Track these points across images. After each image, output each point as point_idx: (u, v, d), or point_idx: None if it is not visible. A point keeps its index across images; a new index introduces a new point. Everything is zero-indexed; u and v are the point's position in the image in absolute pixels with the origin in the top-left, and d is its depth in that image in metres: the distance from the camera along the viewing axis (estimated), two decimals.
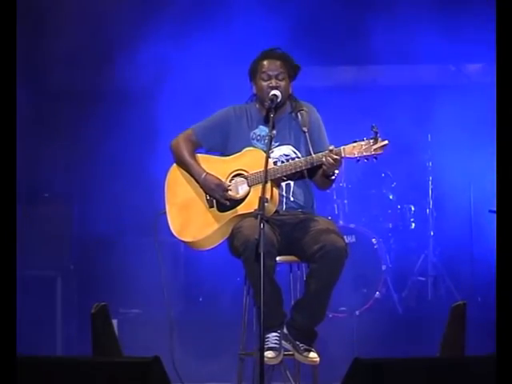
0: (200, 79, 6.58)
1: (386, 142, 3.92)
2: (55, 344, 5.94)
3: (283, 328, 4.06)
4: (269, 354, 3.92)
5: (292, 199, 4.22)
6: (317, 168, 4.11)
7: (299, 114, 4.25)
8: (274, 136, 4.07)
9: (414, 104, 6.71)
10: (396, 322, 5.88)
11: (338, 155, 3.97)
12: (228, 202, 4.16)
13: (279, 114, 4.22)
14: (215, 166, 4.26)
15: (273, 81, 4.20)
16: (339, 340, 5.56)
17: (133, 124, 6.45)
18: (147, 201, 5.81)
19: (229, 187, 4.18)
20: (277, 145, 4.22)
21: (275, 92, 4.17)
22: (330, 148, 3.98)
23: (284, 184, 4.19)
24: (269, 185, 3.99)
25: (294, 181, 4.21)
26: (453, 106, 6.61)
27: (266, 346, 3.92)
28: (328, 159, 3.98)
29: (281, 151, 4.22)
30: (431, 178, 6.81)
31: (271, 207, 4.06)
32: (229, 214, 4.16)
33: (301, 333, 4.06)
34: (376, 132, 3.91)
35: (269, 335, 3.98)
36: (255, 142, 4.24)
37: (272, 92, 4.17)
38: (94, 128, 6.45)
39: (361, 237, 6.25)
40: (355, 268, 5.88)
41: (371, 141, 3.93)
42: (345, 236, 4.20)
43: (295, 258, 4.16)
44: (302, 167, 4.08)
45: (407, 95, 6.78)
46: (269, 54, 4.24)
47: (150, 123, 6.38)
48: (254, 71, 4.26)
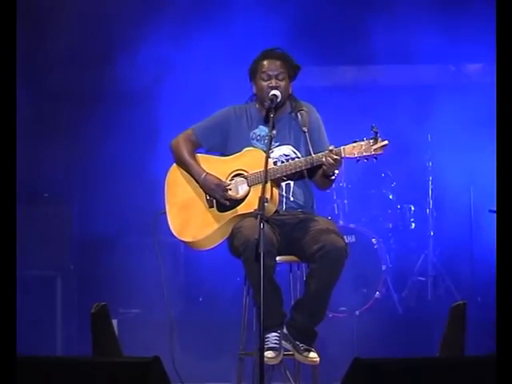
0: (200, 79, 6.57)
1: (386, 142, 3.92)
2: (55, 344, 5.94)
3: (283, 328, 4.05)
4: (269, 354, 3.92)
5: (292, 199, 4.21)
6: (317, 168, 4.10)
7: (299, 114, 4.25)
8: (274, 136, 4.07)
9: (414, 104, 6.71)
10: (396, 322, 5.88)
11: (338, 155, 3.96)
12: (228, 202, 4.16)
13: (279, 114, 4.22)
14: (215, 166, 4.26)
15: (273, 81, 4.19)
16: (339, 340, 5.56)
17: (133, 124, 6.44)
18: (147, 201, 5.81)
19: (229, 187, 4.18)
20: (277, 145, 4.21)
21: (275, 92, 4.17)
22: (330, 148, 3.98)
23: (284, 184, 4.19)
24: (269, 185, 3.99)
25: (294, 181, 4.21)
26: (453, 106, 6.60)
27: (266, 346, 3.92)
28: (328, 159, 3.97)
29: (281, 151, 4.22)
30: (431, 178, 6.80)
31: (271, 207, 4.06)
32: (229, 214, 4.15)
33: (301, 333, 4.06)
34: (376, 132, 3.91)
35: (269, 335, 3.98)
36: (255, 142, 4.24)
37: (272, 92, 4.17)
38: (94, 128, 6.44)
39: (361, 237, 6.24)
40: (355, 268, 5.88)
41: (371, 141, 3.92)
42: (345, 236, 4.20)
43: (295, 258, 4.16)
44: (302, 167, 4.08)
45: (407, 95, 6.78)
46: (269, 54, 4.24)
47: (150, 123, 6.37)
48: (254, 71, 4.26)
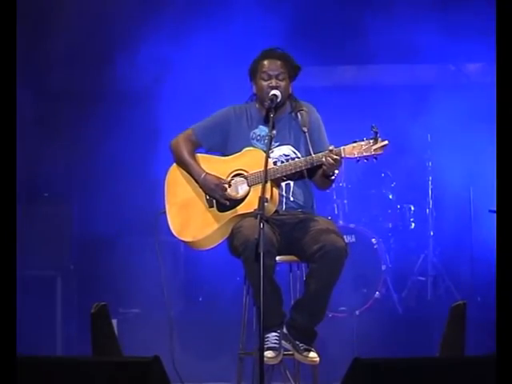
0: (200, 79, 6.57)
1: (386, 143, 3.92)
2: (55, 344, 5.94)
3: (283, 328, 4.05)
4: (268, 354, 3.92)
5: (292, 199, 4.21)
6: (317, 168, 4.10)
7: (299, 114, 4.25)
8: (274, 136, 4.07)
9: (414, 104, 6.71)
10: (396, 322, 5.88)
11: (338, 155, 3.96)
12: (228, 202, 4.16)
13: (279, 114, 4.22)
14: (215, 166, 4.26)
15: (273, 81, 4.19)
16: (339, 340, 5.55)
17: (133, 124, 6.44)
18: (147, 201, 5.81)
19: (228, 187, 4.18)
20: (277, 145, 4.21)
21: (275, 92, 4.17)
22: (330, 148, 3.98)
23: (284, 184, 4.19)
24: (269, 185, 3.99)
25: (294, 181, 4.21)
26: (453, 106, 6.60)
27: (266, 346, 3.92)
28: (328, 159, 3.97)
29: (281, 151, 4.22)
30: (431, 178, 6.80)
31: (271, 207, 4.06)
32: (229, 214, 4.15)
33: (300, 332, 4.06)
34: (376, 132, 3.91)
35: (268, 335, 3.98)
36: (255, 142, 4.24)
37: (272, 92, 4.16)
38: (94, 128, 6.44)
39: (361, 237, 6.24)
40: (355, 268, 5.88)
41: (371, 141, 3.92)
42: (344, 236, 4.21)
43: (295, 258, 4.16)
44: (302, 167, 4.08)
45: (407, 95, 6.78)
46: (269, 54, 4.24)
47: (150, 123, 6.37)
48: (255, 71, 4.25)
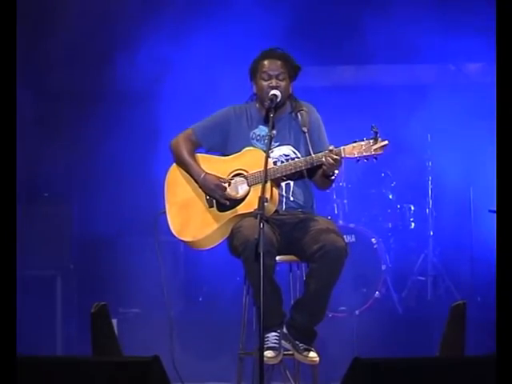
0: (200, 79, 6.57)
1: (386, 142, 3.92)
2: (55, 344, 5.94)
3: (283, 327, 4.05)
4: (268, 354, 3.92)
5: (292, 199, 4.21)
6: (316, 168, 4.10)
7: (299, 114, 4.25)
8: (274, 136, 4.07)
9: (414, 104, 6.70)
10: (396, 322, 5.88)
11: (338, 155, 3.96)
12: (228, 202, 4.16)
13: (279, 114, 4.22)
14: (215, 166, 4.26)
15: (273, 81, 4.19)
16: (339, 340, 5.55)
17: (133, 124, 6.44)
18: (147, 200, 5.81)
19: (228, 187, 4.17)
20: (277, 145, 4.21)
21: (275, 92, 4.16)
22: (330, 148, 3.97)
23: (284, 184, 4.19)
24: (268, 184, 3.99)
25: (294, 181, 4.21)
26: (452, 106, 6.60)
27: (266, 346, 3.92)
28: (328, 159, 3.97)
29: (281, 151, 4.22)
30: (431, 178, 6.80)
31: (271, 207, 4.06)
32: (228, 214, 4.15)
33: (300, 332, 4.05)
34: (376, 132, 3.91)
35: (268, 335, 3.98)
36: (255, 142, 4.24)
37: (272, 92, 4.16)
38: (94, 128, 6.44)
39: (360, 236, 6.24)
40: (355, 268, 5.88)
41: (371, 141, 3.92)
42: (344, 236, 4.21)
43: (295, 258, 4.16)
44: (302, 167, 4.08)
45: (407, 95, 6.78)
46: (270, 54, 4.23)
47: (151, 123, 6.37)
48: (255, 71, 4.25)
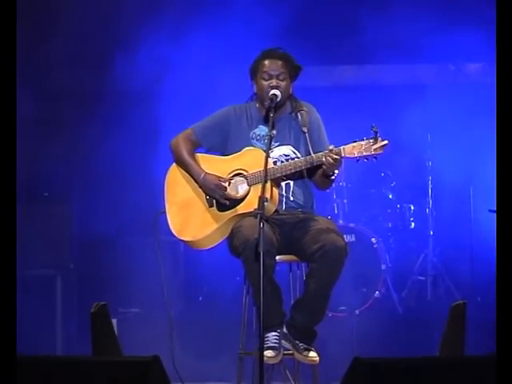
0: (200, 79, 6.57)
1: (386, 142, 3.92)
2: (55, 344, 5.94)
3: (283, 327, 4.05)
4: (268, 354, 3.92)
5: (292, 199, 4.21)
6: (316, 168, 4.10)
7: (299, 114, 4.24)
8: (274, 136, 4.07)
9: (414, 103, 6.70)
10: (396, 322, 5.87)
11: (338, 155, 3.96)
12: (227, 202, 4.16)
13: (279, 114, 4.22)
14: (215, 166, 4.25)
15: (273, 80, 4.18)
16: (339, 339, 5.55)
17: (133, 124, 6.44)
18: (147, 200, 5.81)
19: (228, 186, 4.17)
20: (277, 145, 4.21)
21: (275, 91, 4.16)
22: (330, 148, 3.97)
23: (284, 184, 4.19)
24: (268, 184, 3.99)
25: (294, 180, 4.21)
26: (452, 106, 6.61)
27: (266, 346, 3.92)
28: (328, 159, 3.97)
29: (280, 151, 4.22)
30: (431, 178, 6.80)
31: (271, 207, 4.06)
32: (228, 214, 4.15)
33: (300, 332, 4.05)
34: (376, 132, 3.91)
35: (268, 334, 3.97)
36: (255, 142, 4.24)
37: (272, 91, 4.16)
38: (94, 128, 6.43)
39: (360, 236, 6.24)
40: (355, 267, 5.88)
41: (371, 141, 3.92)
42: (344, 235, 4.21)
43: (295, 258, 4.16)
44: (302, 167, 4.07)
45: (407, 95, 6.78)
46: (270, 54, 4.23)
47: (150, 123, 6.37)
48: (255, 70, 4.25)
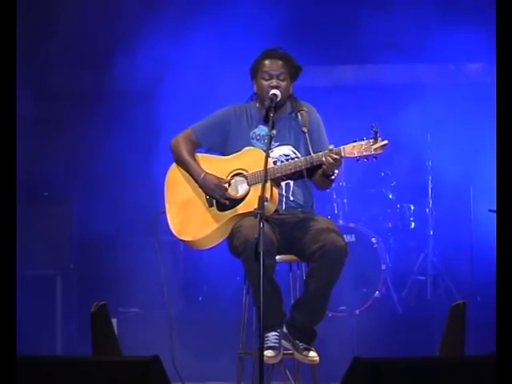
0: (200, 78, 6.57)
1: (386, 142, 3.92)
2: (55, 343, 5.94)
3: (283, 327, 4.05)
4: (268, 353, 3.92)
5: (292, 199, 4.21)
6: (316, 168, 4.10)
7: (299, 114, 4.24)
8: (274, 136, 4.07)
9: (414, 103, 6.70)
10: (396, 322, 5.87)
11: (338, 155, 3.96)
12: (227, 202, 4.16)
13: (279, 114, 4.22)
14: (215, 166, 4.25)
15: (274, 80, 4.18)
16: (339, 339, 5.56)
17: (133, 124, 6.44)
18: (147, 200, 5.81)
19: (228, 186, 4.18)
20: (276, 145, 4.21)
21: (275, 91, 4.16)
22: (330, 147, 3.97)
23: (284, 183, 4.18)
24: (268, 184, 3.99)
25: (294, 180, 4.21)
26: (452, 106, 6.61)
27: (266, 345, 3.92)
28: (328, 159, 3.97)
29: (280, 151, 4.21)
30: (431, 178, 6.80)
31: (271, 206, 4.05)
32: (228, 214, 4.15)
33: (300, 332, 4.05)
34: (376, 132, 3.91)
35: (268, 334, 3.97)
36: (255, 142, 4.24)
37: (272, 91, 4.16)
38: (94, 128, 6.44)
39: (360, 236, 6.24)
40: (355, 267, 5.88)
41: (371, 140, 3.92)
42: (344, 235, 4.20)
43: (295, 258, 4.16)
44: (302, 167, 4.07)
45: (407, 94, 6.77)
46: (271, 54, 4.23)
47: (151, 123, 6.37)
48: (256, 70, 4.24)
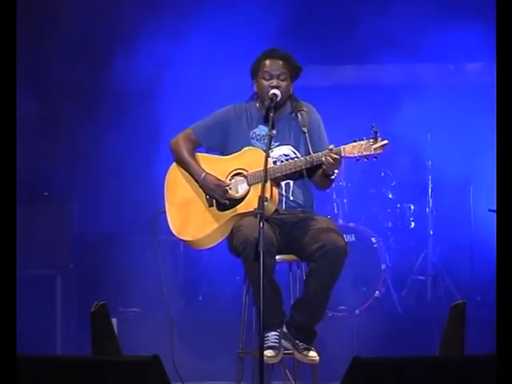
0: (200, 78, 6.57)
1: (386, 142, 3.92)
2: (55, 343, 5.94)
3: (283, 327, 4.05)
4: (268, 353, 3.92)
5: (292, 198, 4.21)
6: (316, 168, 4.10)
7: (299, 115, 4.24)
8: (274, 135, 4.07)
9: (414, 103, 6.70)
10: (395, 322, 5.87)
11: (338, 155, 3.96)
12: (227, 202, 4.16)
13: (279, 114, 4.22)
14: (215, 165, 4.25)
15: (274, 80, 4.18)
16: (339, 339, 5.56)
17: (133, 123, 6.44)
18: (147, 200, 5.81)
19: (228, 186, 4.18)
20: (276, 145, 4.21)
21: (275, 91, 4.16)
22: (330, 147, 3.98)
23: (284, 183, 4.18)
24: (268, 184, 3.99)
25: (294, 180, 4.21)
26: (452, 105, 6.61)
27: (266, 345, 3.92)
28: (328, 159, 3.97)
29: (280, 151, 4.21)
30: (431, 177, 6.80)
31: (271, 206, 4.05)
32: (228, 213, 4.15)
33: (300, 332, 4.06)
34: (376, 131, 3.91)
35: (268, 334, 3.98)
36: (255, 142, 4.24)
37: (272, 91, 4.16)
38: (95, 128, 6.43)
39: (360, 236, 6.24)
40: (355, 267, 5.88)
41: (371, 140, 3.92)
42: (344, 235, 4.21)
43: (295, 257, 4.16)
44: (302, 166, 4.07)
45: (407, 94, 6.77)
46: (271, 54, 4.22)
47: (151, 122, 6.37)
48: (256, 70, 4.24)
